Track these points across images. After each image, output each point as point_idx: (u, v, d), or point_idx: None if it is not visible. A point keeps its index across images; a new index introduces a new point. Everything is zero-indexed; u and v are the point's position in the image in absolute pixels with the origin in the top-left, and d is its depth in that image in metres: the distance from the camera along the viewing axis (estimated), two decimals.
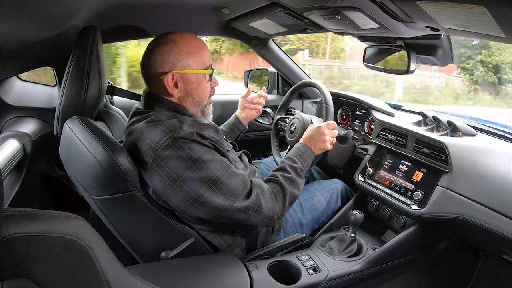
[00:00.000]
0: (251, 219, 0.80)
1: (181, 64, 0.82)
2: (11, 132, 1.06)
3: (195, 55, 0.83)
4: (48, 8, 0.70)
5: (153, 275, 0.73)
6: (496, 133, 1.06)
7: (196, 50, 0.83)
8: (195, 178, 0.75)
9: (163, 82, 0.81)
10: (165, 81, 0.81)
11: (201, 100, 0.87)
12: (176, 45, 0.81)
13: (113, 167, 0.72)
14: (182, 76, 0.83)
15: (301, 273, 0.85)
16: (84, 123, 0.80)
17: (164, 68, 0.81)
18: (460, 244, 1.03)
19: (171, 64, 0.81)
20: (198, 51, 0.84)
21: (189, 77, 0.83)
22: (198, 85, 0.85)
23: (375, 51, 1.16)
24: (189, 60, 0.82)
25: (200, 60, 0.84)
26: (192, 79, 0.84)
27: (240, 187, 0.79)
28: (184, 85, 0.83)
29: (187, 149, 0.75)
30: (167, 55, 0.81)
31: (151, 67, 0.83)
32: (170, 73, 0.81)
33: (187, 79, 0.83)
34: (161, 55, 0.81)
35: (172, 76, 0.82)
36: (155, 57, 0.82)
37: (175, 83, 0.83)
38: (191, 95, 0.85)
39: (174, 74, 0.82)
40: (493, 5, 0.54)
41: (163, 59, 0.81)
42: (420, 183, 0.97)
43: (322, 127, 1.00)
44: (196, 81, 0.85)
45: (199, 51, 0.84)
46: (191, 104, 0.86)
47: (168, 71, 0.81)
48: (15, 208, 0.41)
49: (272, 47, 1.56)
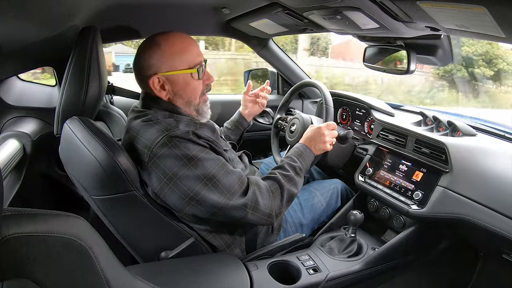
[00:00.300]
0: (249, 217, 0.80)
1: (164, 66, 0.81)
2: (11, 132, 1.06)
3: (180, 55, 0.82)
4: (48, 8, 0.70)
5: (153, 275, 0.73)
6: (496, 133, 1.06)
7: (181, 50, 0.82)
8: (191, 176, 0.75)
9: (149, 85, 0.82)
10: (150, 84, 0.81)
11: (191, 99, 0.86)
12: (160, 47, 0.81)
13: (113, 167, 0.72)
14: (167, 78, 0.82)
15: (301, 273, 0.85)
16: (84, 123, 0.80)
17: (149, 71, 0.82)
18: (460, 244, 1.03)
19: (155, 67, 0.81)
20: (184, 51, 0.83)
21: (175, 78, 0.83)
22: (186, 85, 0.84)
23: (375, 51, 1.16)
24: (174, 61, 0.82)
25: (185, 59, 0.83)
26: (179, 79, 0.83)
27: (236, 185, 0.79)
28: (172, 87, 0.83)
29: (183, 148, 0.75)
30: (150, 58, 0.81)
31: (139, 70, 0.83)
32: (155, 76, 0.81)
33: (173, 80, 0.83)
34: (145, 59, 0.82)
35: (158, 79, 0.82)
36: (141, 61, 0.82)
37: (162, 85, 0.82)
38: (180, 95, 0.85)
39: (159, 76, 0.81)
40: (493, 5, 0.54)
41: (147, 63, 0.81)
42: (420, 183, 0.97)
43: (322, 128, 1.00)
44: (183, 81, 0.84)
45: (184, 51, 0.83)
46: (182, 104, 0.86)
47: (153, 74, 0.81)
48: (15, 208, 0.41)
49: (272, 47, 1.56)
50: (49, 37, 0.84)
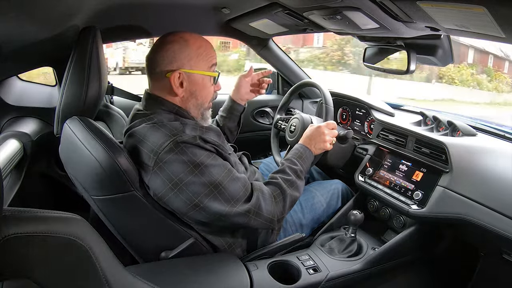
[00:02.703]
0: (251, 222, 0.80)
1: (189, 63, 0.82)
2: (11, 132, 1.06)
3: (204, 56, 0.83)
4: (48, 8, 0.69)
5: (153, 275, 0.73)
6: (496, 133, 1.06)
7: (205, 52, 0.84)
8: (197, 182, 0.75)
9: (169, 80, 0.81)
10: (171, 79, 0.81)
11: (203, 102, 0.87)
12: (187, 44, 0.81)
13: (113, 167, 0.72)
14: (189, 76, 0.82)
15: (301, 273, 0.85)
16: (84, 123, 0.80)
17: (172, 65, 0.81)
18: (460, 244, 1.03)
19: (179, 62, 0.81)
20: (207, 53, 0.84)
21: (196, 77, 0.83)
22: (203, 86, 0.85)
23: (375, 51, 1.16)
24: (198, 61, 0.83)
25: (208, 62, 0.84)
26: (199, 80, 0.84)
27: (241, 192, 0.79)
28: (190, 86, 0.83)
29: (190, 154, 0.75)
30: (177, 52, 0.81)
31: (158, 63, 0.82)
32: (177, 71, 0.81)
33: (193, 79, 0.83)
34: (170, 52, 0.81)
35: (179, 74, 0.81)
36: (164, 53, 0.81)
37: (181, 82, 0.82)
38: (195, 96, 0.85)
39: (182, 73, 0.81)
40: (493, 5, 0.54)
41: (172, 56, 0.81)
42: (420, 183, 0.97)
43: (322, 127, 1.00)
44: (202, 83, 0.85)
45: (208, 53, 0.84)
46: (193, 106, 0.86)
47: (176, 69, 0.81)
48: (15, 208, 0.40)
49: (272, 47, 1.56)
50: (49, 37, 0.84)
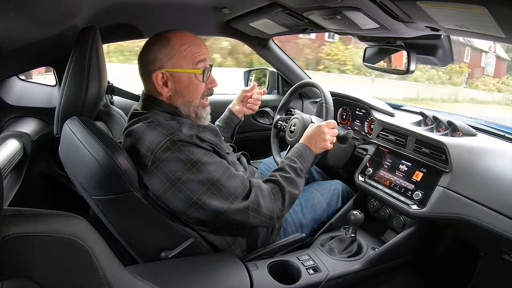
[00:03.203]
0: (251, 220, 0.79)
1: (171, 62, 0.81)
2: (11, 132, 1.06)
3: (188, 53, 0.82)
4: (48, 8, 0.70)
5: (153, 275, 0.73)
6: (496, 133, 1.06)
7: (189, 48, 0.82)
8: (194, 180, 0.75)
9: (152, 79, 0.81)
10: (153, 79, 0.81)
11: (192, 99, 0.85)
12: (169, 43, 0.81)
13: (112, 167, 0.72)
14: (172, 74, 0.82)
15: (301, 273, 0.85)
16: (84, 123, 0.79)
17: (154, 65, 0.81)
18: (460, 244, 1.03)
19: (161, 61, 0.81)
20: (192, 50, 0.82)
21: (179, 75, 0.82)
22: (189, 84, 0.84)
23: (375, 51, 1.16)
24: (180, 59, 0.81)
25: (193, 59, 0.82)
26: (183, 78, 0.83)
27: (239, 188, 0.79)
28: (174, 84, 0.83)
29: (186, 152, 0.75)
30: (158, 52, 0.81)
31: (144, 63, 0.83)
32: (159, 71, 0.81)
33: (177, 78, 0.82)
34: (153, 52, 0.81)
35: (162, 74, 0.81)
36: (148, 54, 0.82)
37: (165, 82, 0.82)
38: (182, 94, 0.84)
39: (164, 72, 0.81)
40: (493, 5, 0.54)
41: (153, 56, 0.81)
42: (420, 183, 0.97)
43: (322, 126, 1.00)
44: (187, 80, 0.83)
45: (192, 50, 0.82)
46: (182, 104, 0.85)
47: (158, 69, 0.81)
48: (15, 208, 0.40)
49: (272, 47, 1.56)
50: (49, 37, 0.84)
